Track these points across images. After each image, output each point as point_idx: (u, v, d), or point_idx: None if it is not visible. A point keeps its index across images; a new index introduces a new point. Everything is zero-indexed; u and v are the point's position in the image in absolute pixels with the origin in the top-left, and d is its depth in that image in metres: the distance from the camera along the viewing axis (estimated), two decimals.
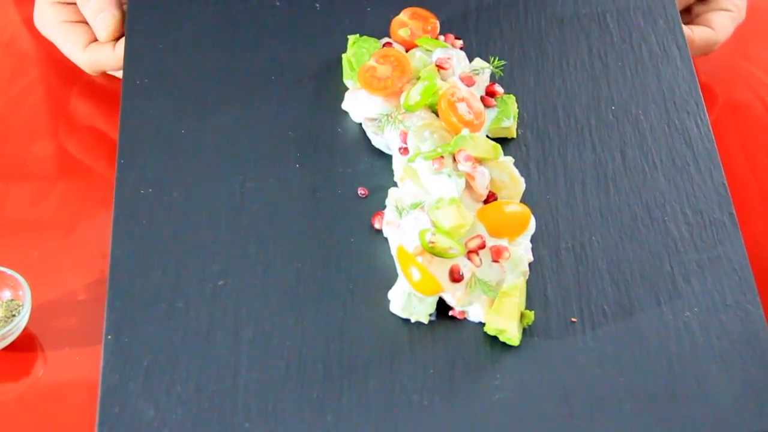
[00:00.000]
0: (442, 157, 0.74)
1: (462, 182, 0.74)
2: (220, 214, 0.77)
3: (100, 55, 0.93)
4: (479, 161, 0.75)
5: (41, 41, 0.99)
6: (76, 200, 0.91)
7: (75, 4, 0.94)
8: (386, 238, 0.75)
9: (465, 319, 0.72)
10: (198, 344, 0.70)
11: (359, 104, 0.82)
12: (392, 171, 0.79)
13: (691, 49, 0.92)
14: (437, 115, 0.79)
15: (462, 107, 0.78)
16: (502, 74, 0.84)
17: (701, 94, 0.86)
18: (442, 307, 0.72)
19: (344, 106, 0.83)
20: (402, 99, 0.80)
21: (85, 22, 0.94)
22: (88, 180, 0.93)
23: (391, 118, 0.79)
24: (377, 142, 0.81)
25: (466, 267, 0.71)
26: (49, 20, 0.94)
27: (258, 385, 0.68)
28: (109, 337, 0.70)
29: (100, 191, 0.90)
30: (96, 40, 0.93)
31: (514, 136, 0.82)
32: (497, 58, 0.84)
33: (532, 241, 0.75)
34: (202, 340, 0.70)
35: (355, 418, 0.67)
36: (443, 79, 0.81)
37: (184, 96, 0.84)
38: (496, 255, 0.72)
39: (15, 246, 0.86)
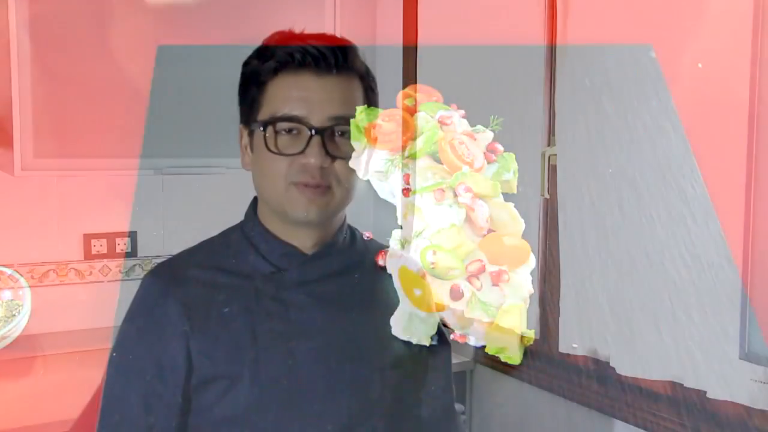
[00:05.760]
0: (443, 190, 0.77)
1: (462, 212, 0.76)
2: None
3: None
4: (478, 198, 0.77)
5: (41, 41, 1.03)
6: None
7: None
8: (390, 275, 0.77)
9: (466, 343, 0.72)
10: None
11: (365, 159, 0.85)
12: (396, 218, 0.81)
13: None
14: (439, 162, 0.82)
15: (462, 148, 0.81)
16: (501, 128, 0.88)
17: (696, 162, 0.90)
18: None
19: (351, 163, 0.86)
20: (406, 152, 0.83)
21: None
22: None
23: (395, 162, 0.82)
24: (383, 191, 0.83)
25: (466, 288, 0.72)
26: None
27: (259, 399, 0.68)
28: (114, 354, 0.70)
29: None
30: None
31: (515, 191, 0.85)
32: (496, 117, 0.88)
33: (532, 275, 0.77)
34: None
35: None
36: None
37: None
38: (496, 278, 0.73)
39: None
